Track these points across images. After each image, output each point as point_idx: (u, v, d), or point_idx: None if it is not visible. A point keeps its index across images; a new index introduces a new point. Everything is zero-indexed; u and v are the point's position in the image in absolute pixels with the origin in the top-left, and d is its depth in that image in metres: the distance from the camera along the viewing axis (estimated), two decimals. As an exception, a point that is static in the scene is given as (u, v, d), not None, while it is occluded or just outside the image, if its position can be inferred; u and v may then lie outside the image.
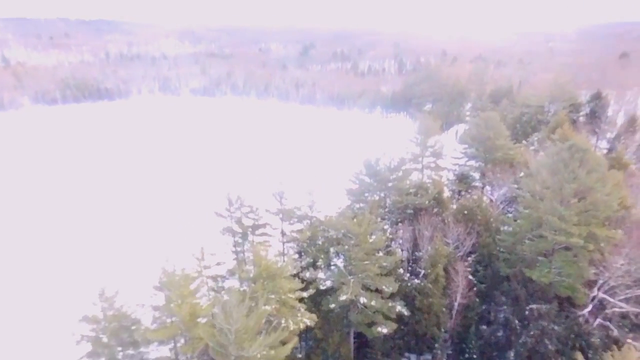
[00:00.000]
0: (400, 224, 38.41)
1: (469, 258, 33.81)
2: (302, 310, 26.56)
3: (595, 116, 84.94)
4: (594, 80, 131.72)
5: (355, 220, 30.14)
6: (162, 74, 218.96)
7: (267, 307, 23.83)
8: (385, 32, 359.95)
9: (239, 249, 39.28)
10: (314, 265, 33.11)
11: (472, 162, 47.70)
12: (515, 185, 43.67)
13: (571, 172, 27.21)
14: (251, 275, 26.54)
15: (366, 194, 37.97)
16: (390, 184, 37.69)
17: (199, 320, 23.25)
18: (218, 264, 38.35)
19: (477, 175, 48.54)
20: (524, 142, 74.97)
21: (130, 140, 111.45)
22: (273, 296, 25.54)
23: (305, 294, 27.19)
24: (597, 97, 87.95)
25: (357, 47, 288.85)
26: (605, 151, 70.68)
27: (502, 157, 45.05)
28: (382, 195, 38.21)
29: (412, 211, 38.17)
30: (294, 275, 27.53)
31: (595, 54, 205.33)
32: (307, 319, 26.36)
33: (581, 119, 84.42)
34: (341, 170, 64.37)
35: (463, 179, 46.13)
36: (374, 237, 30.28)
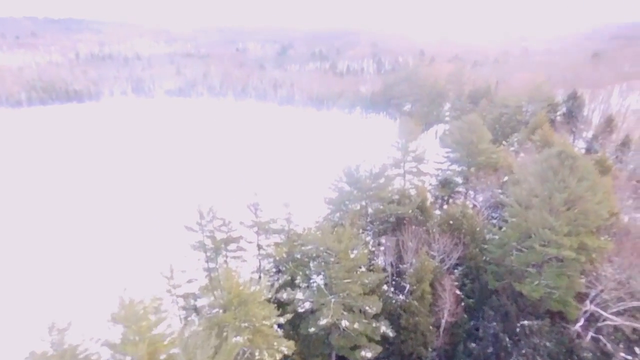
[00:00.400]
0: (382, 235, 36.58)
1: (455, 270, 32.21)
2: (279, 337, 24.24)
3: (572, 116, 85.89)
4: (568, 79, 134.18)
5: (334, 233, 28.03)
6: (135, 75, 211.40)
7: (239, 339, 21.41)
8: (363, 32, 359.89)
9: (211, 264, 36.65)
10: (292, 282, 30.82)
11: (455, 167, 46.32)
12: (500, 190, 42.62)
13: (561, 181, 25.80)
14: (221, 301, 24.02)
15: (346, 202, 35.87)
16: (371, 193, 35.70)
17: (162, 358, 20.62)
18: (189, 281, 35.74)
19: (460, 179, 47.20)
20: (503, 142, 74.82)
21: (96, 146, 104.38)
22: (246, 324, 23.14)
23: (282, 319, 24.90)
24: (573, 96, 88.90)
25: (336, 47, 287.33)
26: (583, 151, 71.06)
27: (485, 162, 43.79)
28: (363, 203, 36.19)
29: (394, 220, 36.40)
30: (270, 300, 25.15)
31: (568, 54, 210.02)
32: (285, 347, 24.05)
33: (558, 118, 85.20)
34: (321, 175, 62.33)
35: (446, 184, 44.67)
36: (355, 251, 28.26)
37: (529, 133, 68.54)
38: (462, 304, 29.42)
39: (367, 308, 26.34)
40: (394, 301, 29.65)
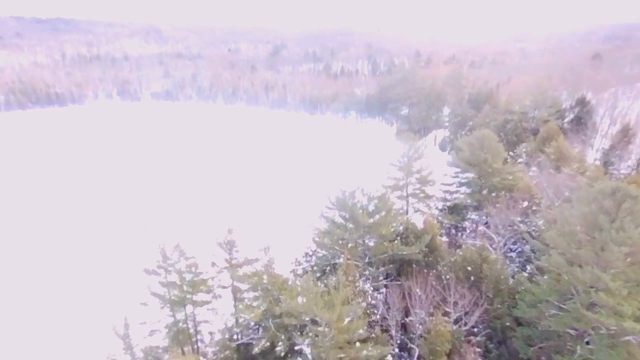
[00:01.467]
0: (384, 279, 30.47)
1: (476, 329, 26.09)
2: None
3: (581, 123, 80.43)
4: (568, 81, 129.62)
5: (323, 294, 21.94)
6: (121, 77, 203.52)
7: None
8: (357, 32, 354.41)
9: (178, 315, 30.32)
10: (271, 349, 24.63)
11: (465, 188, 40.30)
12: (519, 219, 36.73)
13: (620, 229, 19.76)
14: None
15: (339, 241, 29.63)
16: (369, 228, 29.54)
17: None
18: (151, 333, 29.59)
19: (470, 200, 41.13)
20: (510, 153, 69.11)
21: (63, 159, 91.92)
22: None
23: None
24: (582, 102, 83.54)
25: (330, 47, 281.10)
26: (598, 162, 65.55)
27: (500, 183, 37.82)
28: (360, 241, 30.00)
29: (398, 259, 30.28)
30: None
31: (566, 55, 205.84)
32: None
33: (566, 125, 79.89)
34: (312, 196, 55.90)
35: (455, 210, 38.65)
36: (351, 314, 22.16)
37: (540, 144, 63.01)
38: (487, 376, 23.37)
39: (367, 396, 20.26)
40: (400, 374, 23.51)
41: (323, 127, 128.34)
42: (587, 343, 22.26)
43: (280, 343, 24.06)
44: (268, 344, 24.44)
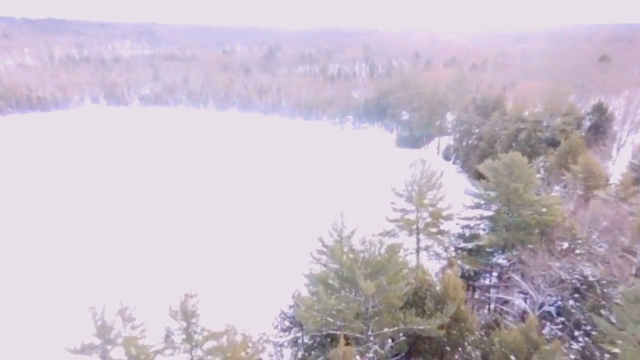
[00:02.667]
0: (392, 358, 23.18)
1: None
2: None
3: (600, 132, 73.81)
4: (577, 85, 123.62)
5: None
6: (109, 80, 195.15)
7: None
8: (354, 32, 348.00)
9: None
10: None
11: (487, 223, 33.10)
12: (557, 264, 29.57)
13: None
14: None
15: (333, 310, 22.28)
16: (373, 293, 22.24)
17: None
18: None
19: (493, 237, 33.86)
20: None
21: (20, 174, 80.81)
22: None
23: None
24: (599, 108, 76.84)
25: (326, 48, 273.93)
26: (621, 177, 58.68)
27: (533, 219, 30.60)
28: (362, 308, 22.67)
29: (412, 332, 23.04)
30: None
31: (570, 56, 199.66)
32: None
33: (583, 134, 73.10)
34: (306, 223, 48.95)
35: (476, 252, 31.43)
36: None
37: (561, 158, 56.04)
38: None
39: None
40: None
41: (319, 135, 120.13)
42: None
43: None
44: None
